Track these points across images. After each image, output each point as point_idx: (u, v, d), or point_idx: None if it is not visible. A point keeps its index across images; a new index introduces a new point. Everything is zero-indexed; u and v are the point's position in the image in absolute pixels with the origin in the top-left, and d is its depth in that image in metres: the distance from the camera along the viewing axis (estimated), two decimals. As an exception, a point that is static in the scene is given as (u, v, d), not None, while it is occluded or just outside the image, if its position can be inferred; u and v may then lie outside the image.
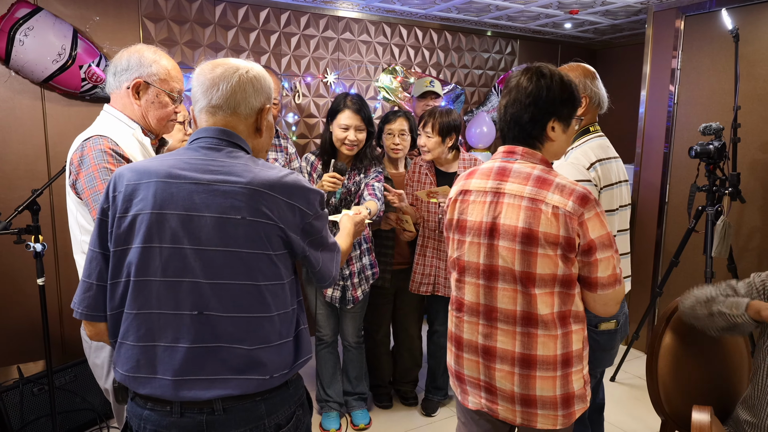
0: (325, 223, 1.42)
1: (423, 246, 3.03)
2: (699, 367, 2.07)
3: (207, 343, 1.24)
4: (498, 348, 1.63)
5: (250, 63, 1.40)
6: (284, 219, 1.29)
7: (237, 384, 1.24)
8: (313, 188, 1.36)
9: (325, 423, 3.04)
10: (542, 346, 1.58)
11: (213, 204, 1.24)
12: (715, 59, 3.62)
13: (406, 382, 3.35)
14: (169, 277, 1.24)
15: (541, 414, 1.61)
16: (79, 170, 1.69)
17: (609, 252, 1.53)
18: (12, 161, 3.20)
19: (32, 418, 2.74)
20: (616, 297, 1.59)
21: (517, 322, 1.59)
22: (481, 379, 1.69)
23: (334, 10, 4.04)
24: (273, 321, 1.28)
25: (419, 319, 3.29)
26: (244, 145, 1.36)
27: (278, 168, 1.35)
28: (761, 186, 3.43)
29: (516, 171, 1.60)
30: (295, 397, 1.37)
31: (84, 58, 3.10)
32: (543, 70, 1.61)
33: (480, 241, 1.63)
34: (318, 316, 3.00)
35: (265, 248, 1.26)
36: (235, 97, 1.33)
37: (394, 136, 3.03)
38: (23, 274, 3.24)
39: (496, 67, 4.94)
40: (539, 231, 1.52)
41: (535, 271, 1.54)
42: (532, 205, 1.54)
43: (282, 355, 1.30)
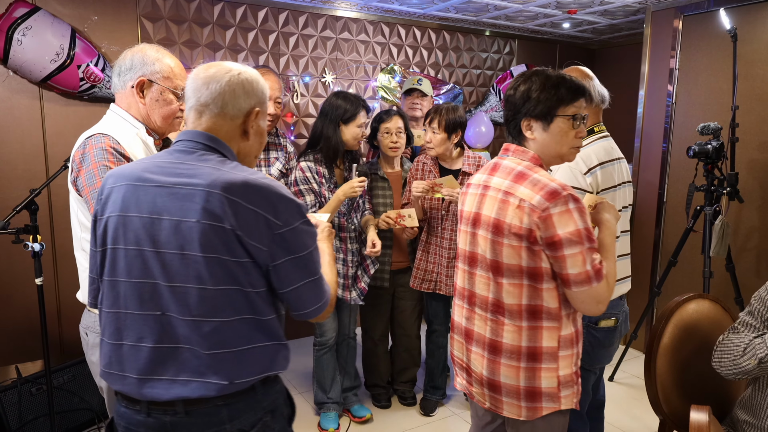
0: (308, 242, 1.32)
1: (426, 243, 3.03)
2: (697, 367, 2.07)
3: (168, 344, 1.27)
4: (475, 331, 1.73)
5: (244, 67, 1.40)
6: (243, 225, 1.23)
7: (197, 386, 1.25)
8: (286, 196, 1.29)
9: (324, 423, 3.04)
10: (508, 335, 1.64)
11: (172, 207, 1.24)
12: (714, 59, 3.62)
13: (404, 381, 3.35)
14: (134, 279, 1.28)
15: (506, 402, 1.68)
16: (80, 167, 1.70)
17: (577, 248, 1.53)
18: (10, 161, 3.20)
19: (30, 417, 2.73)
20: (595, 296, 1.57)
21: (488, 308, 1.68)
22: (463, 361, 1.81)
23: (333, 10, 4.04)
24: (233, 326, 1.26)
25: (418, 319, 3.29)
26: (222, 148, 1.34)
27: (251, 171, 1.30)
28: (759, 186, 3.44)
29: (504, 166, 1.69)
30: (263, 404, 1.34)
31: (82, 58, 3.10)
32: (522, 75, 1.69)
33: (467, 230, 1.76)
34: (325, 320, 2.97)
35: (220, 253, 1.23)
36: (223, 97, 1.33)
37: (391, 134, 3.02)
38: (21, 273, 3.24)
39: (495, 67, 4.94)
40: (505, 222, 1.60)
41: (502, 260, 1.62)
42: (504, 198, 1.62)
43: (244, 362, 1.28)
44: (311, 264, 1.33)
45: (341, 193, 2.73)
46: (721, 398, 2.08)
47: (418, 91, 3.51)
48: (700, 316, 2.12)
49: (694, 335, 2.09)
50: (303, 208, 1.32)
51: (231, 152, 1.36)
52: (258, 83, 1.39)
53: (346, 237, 2.92)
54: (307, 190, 2.81)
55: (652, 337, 2.07)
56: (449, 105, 2.95)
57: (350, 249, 2.93)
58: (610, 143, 2.14)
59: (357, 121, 2.83)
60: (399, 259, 3.17)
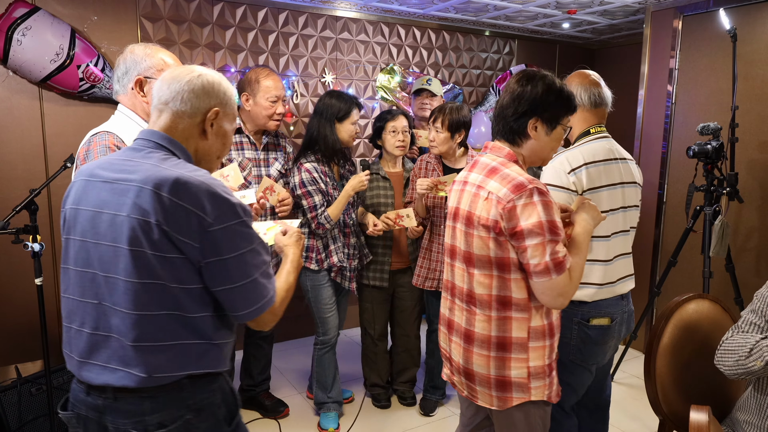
0: (242, 243, 1.32)
1: (429, 241, 3.03)
2: (697, 367, 2.07)
3: (102, 332, 1.33)
4: (455, 321, 1.81)
5: (209, 70, 1.44)
6: (172, 220, 1.25)
7: (122, 376, 1.31)
8: (220, 194, 1.29)
9: (325, 423, 3.04)
10: (479, 324, 1.72)
11: (111, 202, 1.30)
12: (713, 59, 3.62)
13: (403, 382, 3.35)
14: (79, 267, 1.36)
15: (479, 390, 1.76)
16: (83, 163, 1.75)
17: (538, 239, 1.57)
18: (10, 161, 3.20)
19: (30, 418, 2.73)
20: (555, 288, 1.60)
21: (464, 299, 1.76)
22: (447, 351, 1.88)
23: (333, 10, 4.04)
24: (157, 321, 1.29)
25: (417, 319, 3.30)
26: (173, 147, 1.38)
27: (190, 169, 1.32)
28: (759, 186, 3.44)
29: (481, 163, 1.77)
30: (188, 401, 1.34)
31: (82, 58, 3.10)
32: (530, 74, 1.73)
33: (450, 224, 1.84)
34: (327, 318, 2.99)
35: (145, 247, 1.26)
36: (182, 96, 1.37)
37: (398, 133, 3.03)
38: (21, 273, 3.24)
39: (494, 67, 4.94)
40: (474, 214, 1.68)
41: (473, 251, 1.70)
42: (476, 191, 1.70)
43: (166, 357, 1.31)
44: (243, 266, 1.33)
45: (350, 188, 2.80)
46: (721, 398, 2.08)
47: (427, 91, 3.51)
48: (700, 316, 2.13)
49: (694, 335, 2.09)
50: (240, 209, 1.32)
51: (183, 151, 1.40)
52: (219, 85, 1.43)
53: (349, 232, 2.98)
54: (315, 191, 2.82)
55: (651, 337, 2.07)
56: (454, 104, 2.95)
57: (352, 243, 3.00)
58: (609, 144, 2.14)
59: (351, 118, 2.88)
60: (398, 259, 3.17)
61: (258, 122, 2.84)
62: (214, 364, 1.38)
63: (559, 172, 2.04)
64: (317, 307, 2.98)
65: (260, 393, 3.25)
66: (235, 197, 1.34)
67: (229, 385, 1.46)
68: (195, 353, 1.34)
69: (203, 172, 1.33)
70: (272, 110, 2.81)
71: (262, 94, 2.78)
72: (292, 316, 4.17)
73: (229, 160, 2.79)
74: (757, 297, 1.83)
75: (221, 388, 1.42)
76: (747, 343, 1.75)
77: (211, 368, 1.37)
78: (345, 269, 2.97)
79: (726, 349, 1.81)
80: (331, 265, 2.91)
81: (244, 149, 2.84)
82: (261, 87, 2.78)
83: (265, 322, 1.42)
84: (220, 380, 1.42)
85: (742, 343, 1.77)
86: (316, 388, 3.11)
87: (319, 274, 2.93)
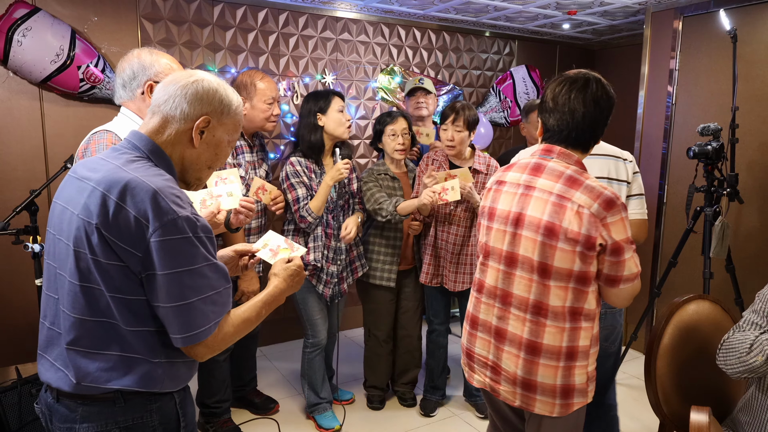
0: (182, 261, 1.22)
1: (436, 238, 3.03)
2: (697, 368, 2.07)
3: (56, 329, 1.32)
4: (509, 331, 1.74)
5: (211, 78, 1.39)
6: (114, 225, 1.20)
7: (60, 377, 1.29)
8: (170, 206, 1.22)
9: (325, 423, 3.04)
10: (549, 336, 1.67)
11: (73, 199, 1.29)
12: (714, 60, 3.62)
13: (404, 383, 3.35)
14: (49, 260, 1.36)
15: (539, 399, 1.71)
16: None
17: (631, 252, 1.65)
18: (10, 162, 3.20)
19: (30, 418, 2.73)
20: (634, 291, 1.71)
21: (528, 310, 1.70)
22: (489, 359, 1.81)
23: (333, 11, 4.04)
24: (90, 327, 1.25)
25: (419, 320, 3.30)
26: (150, 150, 1.33)
27: (153, 173, 1.27)
28: (759, 186, 3.44)
29: (550, 168, 1.71)
30: (117, 417, 1.28)
31: (82, 59, 3.10)
32: (604, 81, 1.73)
33: (505, 229, 1.75)
34: (316, 320, 2.99)
35: (85, 249, 1.23)
36: (174, 100, 1.34)
37: (398, 136, 3.02)
38: (21, 274, 3.24)
39: (495, 68, 4.94)
40: (561, 226, 1.62)
41: (552, 263, 1.64)
42: (558, 201, 1.64)
43: (99, 367, 1.26)
44: (178, 286, 1.23)
45: (329, 179, 2.78)
46: (722, 399, 2.08)
47: (421, 89, 3.51)
48: (700, 317, 2.12)
49: (694, 336, 2.09)
50: (186, 223, 1.23)
51: (161, 156, 1.34)
52: (215, 93, 1.37)
53: (331, 234, 2.93)
54: (299, 183, 2.83)
55: (652, 338, 2.07)
56: (465, 103, 2.97)
57: (333, 246, 2.93)
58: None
59: (334, 106, 2.85)
60: (404, 260, 3.17)
61: (255, 124, 2.85)
62: (153, 384, 1.29)
63: (619, 168, 2.17)
64: (305, 308, 2.97)
65: (249, 392, 3.28)
66: (186, 210, 1.24)
67: (177, 409, 1.37)
68: (128, 368, 1.27)
69: (163, 179, 1.26)
70: (269, 112, 2.84)
71: (258, 96, 2.80)
72: (294, 317, 4.17)
73: (238, 165, 2.78)
74: (758, 297, 1.83)
75: (162, 410, 1.34)
76: (747, 339, 1.75)
77: (147, 387, 1.28)
78: (321, 271, 2.91)
79: (727, 347, 1.81)
80: (306, 261, 2.85)
81: (244, 153, 2.84)
82: (257, 90, 2.80)
83: (197, 353, 1.30)
84: (161, 401, 1.33)
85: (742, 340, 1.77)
86: (308, 390, 3.09)
87: None
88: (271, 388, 3.50)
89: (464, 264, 3.01)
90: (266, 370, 3.78)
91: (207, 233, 1.29)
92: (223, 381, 2.93)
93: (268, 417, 3.18)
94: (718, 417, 2.00)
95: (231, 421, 2.99)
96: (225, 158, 1.47)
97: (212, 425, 2.94)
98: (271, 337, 4.16)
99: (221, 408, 2.95)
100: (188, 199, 1.29)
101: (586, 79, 1.70)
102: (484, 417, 3.19)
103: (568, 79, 1.72)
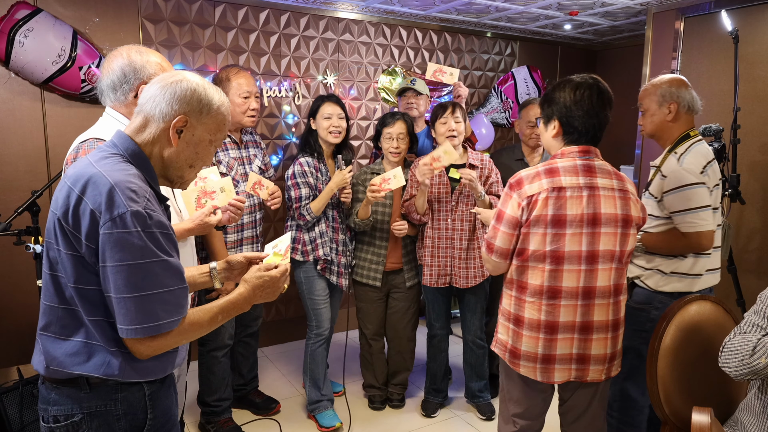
0: (127, 255, 1.23)
1: (435, 238, 3.03)
2: (699, 369, 2.06)
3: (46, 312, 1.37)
4: (594, 321, 1.92)
5: (193, 78, 1.41)
6: (72, 217, 1.26)
7: (38, 361, 1.35)
8: (122, 200, 1.23)
9: (326, 421, 3.05)
10: (622, 310, 1.99)
11: (54, 198, 1.34)
12: (715, 60, 3.62)
13: (394, 384, 3.34)
14: None
15: (615, 364, 2.02)
16: None
17: None
18: (12, 162, 3.20)
19: (32, 419, 2.73)
20: None
21: (611, 295, 1.93)
22: (573, 354, 1.94)
23: (334, 12, 4.04)
24: (57, 313, 1.32)
25: (411, 321, 3.26)
26: (127, 149, 1.35)
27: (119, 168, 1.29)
28: (761, 187, 3.44)
29: (599, 168, 1.92)
30: (82, 403, 1.32)
31: (84, 60, 3.10)
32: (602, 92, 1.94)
33: (582, 231, 1.87)
34: (321, 311, 3.06)
35: (53, 240, 1.31)
36: (154, 99, 1.37)
37: (393, 139, 3.03)
38: (23, 275, 3.24)
39: (496, 69, 4.94)
40: (632, 215, 1.91)
41: (626, 248, 1.93)
42: (623, 195, 1.91)
43: (64, 352, 1.31)
44: (121, 280, 1.23)
45: (333, 185, 2.90)
46: (724, 400, 2.08)
47: (412, 90, 3.49)
48: (702, 317, 2.12)
49: (695, 337, 2.08)
50: (135, 219, 1.24)
51: (139, 154, 1.36)
52: (194, 93, 1.38)
53: (338, 227, 3.06)
54: (303, 183, 2.93)
55: (653, 338, 2.07)
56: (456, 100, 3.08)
57: (341, 239, 3.07)
58: (706, 146, 2.36)
59: (321, 112, 2.97)
60: (393, 260, 3.16)
61: (234, 119, 2.88)
62: (112, 372, 1.31)
63: (695, 172, 2.24)
64: (310, 299, 3.05)
65: (251, 391, 3.28)
66: (138, 205, 1.25)
67: (146, 401, 1.38)
68: (89, 355, 1.31)
69: (124, 174, 1.28)
70: (245, 106, 2.86)
71: (234, 91, 2.83)
72: (295, 317, 4.17)
73: (218, 162, 2.81)
74: (760, 298, 1.83)
75: (127, 400, 1.35)
76: (749, 341, 1.74)
77: (107, 375, 1.31)
78: (332, 263, 3.02)
79: (729, 349, 1.81)
80: (316, 257, 2.97)
81: (228, 149, 2.87)
82: (232, 84, 2.84)
83: (137, 350, 1.29)
84: (128, 392, 1.35)
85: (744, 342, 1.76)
86: (310, 386, 3.12)
87: (306, 264, 3.00)
88: (272, 388, 3.50)
89: (473, 258, 3.03)
90: (267, 370, 3.78)
91: (162, 229, 1.29)
92: (222, 378, 2.94)
93: (269, 417, 3.18)
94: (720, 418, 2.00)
95: (232, 420, 2.99)
96: (207, 158, 1.47)
97: (213, 425, 2.94)
98: (271, 338, 4.17)
99: (221, 407, 2.95)
100: (145, 194, 1.28)
101: (598, 83, 1.91)
102: (486, 418, 3.19)
103: (584, 84, 1.89)
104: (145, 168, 1.37)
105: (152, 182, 1.37)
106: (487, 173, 3.03)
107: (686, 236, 2.26)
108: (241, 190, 2.82)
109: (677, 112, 2.37)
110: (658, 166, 2.38)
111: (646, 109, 2.48)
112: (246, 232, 2.91)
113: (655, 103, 2.43)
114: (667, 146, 2.42)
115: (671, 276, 2.36)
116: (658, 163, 2.41)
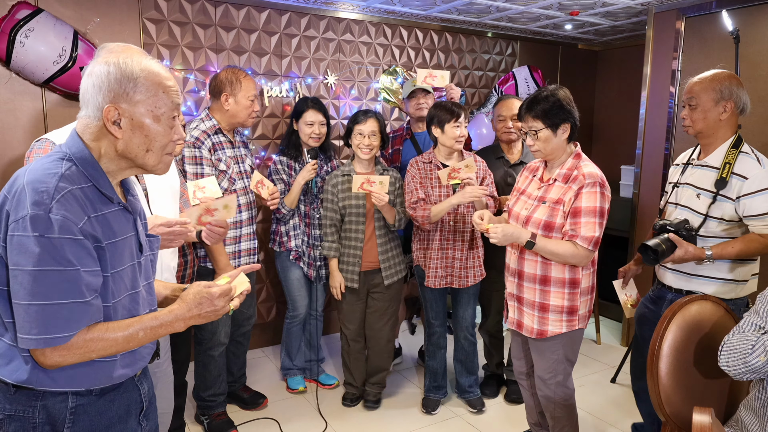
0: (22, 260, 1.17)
1: (440, 240, 3.03)
2: (700, 368, 2.06)
3: None
4: None
5: (102, 59, 1.27)
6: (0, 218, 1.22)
7: None
8: (27, 201, 1.17)
9: (293, 384, 3.47)
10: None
11: None
12: (716, 61, 3.61)
13: (372, 383, 3.35)
14: None
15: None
16: None
17: None
18: (13, 162, 3.21)
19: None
20: None
21: None
22: None
23: (335, 12, 4.04)
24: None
25: (390, 320, 3.26)
26: (72, 148, 1.28)
27: (48, 168, 1.23)
28: (762, 187, 3.43)
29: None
30: (6, 405, 1.27)
31: (85, 60, 3.10)
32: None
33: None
34: (296, 297, 3.34)
35: None
36: (85, 95, 1.27)
37: (364, 136, 3.01)
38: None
39: (497, 69, 4.94)
40: None
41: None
42: None
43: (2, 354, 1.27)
44: (17, 285, 1.18)
45: (300, 179, 3.10)
46: (724, 400, 2.08)
47: (422, 90, 3.51)
48: (703, 317, 2.12)
49: (696, 337, 2.08)
50: (37, 223, 1.16)
51: (82, 154, 1.27)
52: (109, 75, 1.25)
53: (310, 223, 3.26)
54: (278, 180, 3.19)
55: (654, 338, 2.07)
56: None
57: (314, 234, 3.26)
58: None
59: (304, 118, 3.15)
60: (369, 259, 3.13)
61: (238, 120, 2.93)
62: (25, 378, 1.25)
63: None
64: (287, 286, 3.35)
65: (239, 387, 3.35)
66: (40, 208, 1.16)
67: (67, 413, 1.29)
68: (9, 359, 1.26)
69: (44, 173, 1.21)
70: (252, 108, 2.95)
71: (243, 92, 2.89)
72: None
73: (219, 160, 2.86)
74: (759, 299, 1.83)
75: (47, 409, 1.28)
76: (748, 341, 1.74)
77: (18, 381, 1.25)
78: (304, 255, 3.27)
79: (729, 349, 1.80)
80: (289, 248, 3.24)
81: (224, 149, 2.91)
82: (242, 87, 2.89)
83: (38, 359, 1.22)
84: (48, 400, 1.28)
85: (743, 341, 1.76)
86: (284, 355, 3.51)
87: (282, 254, 3.29)
88: (273, 388, 3.52)
89: (473, 258, 3.08)
90: (268, 370, 3.79)
91: (68, 234, 1.18)
92: (218, 375, 3.04)
93: (269, 417, 3.19)
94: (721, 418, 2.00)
95: (225, 414, 3.08)
96: (163, 135, 1.32)
97: (207, 417, 3.04)
98: (271, 338, 4.17)
99: (216, 401, 3.05)
100: (52, 195, 1.18)
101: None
102: (476, 411, 3.24)
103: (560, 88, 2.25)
104: (91, 167, 1.27)
105: (99, 182, 1.28)
106: (482, 174, 3.04)
107: (765, 238, 2.20)
108: (239, 188, 2.91)
109: (732, 112, 2.24)
110: (722, 168, 2.23)
111: (699, 105, 2.29)
112: (244, 228, 3.00)
113: (712, 100, 2.26)
114: (713, 147, 2.30)
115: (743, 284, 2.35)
116: (717, 164, 2.27)
